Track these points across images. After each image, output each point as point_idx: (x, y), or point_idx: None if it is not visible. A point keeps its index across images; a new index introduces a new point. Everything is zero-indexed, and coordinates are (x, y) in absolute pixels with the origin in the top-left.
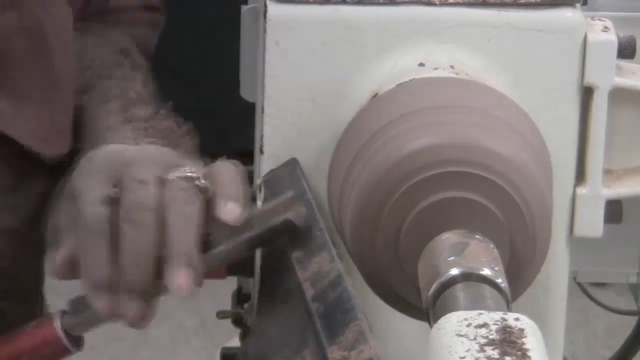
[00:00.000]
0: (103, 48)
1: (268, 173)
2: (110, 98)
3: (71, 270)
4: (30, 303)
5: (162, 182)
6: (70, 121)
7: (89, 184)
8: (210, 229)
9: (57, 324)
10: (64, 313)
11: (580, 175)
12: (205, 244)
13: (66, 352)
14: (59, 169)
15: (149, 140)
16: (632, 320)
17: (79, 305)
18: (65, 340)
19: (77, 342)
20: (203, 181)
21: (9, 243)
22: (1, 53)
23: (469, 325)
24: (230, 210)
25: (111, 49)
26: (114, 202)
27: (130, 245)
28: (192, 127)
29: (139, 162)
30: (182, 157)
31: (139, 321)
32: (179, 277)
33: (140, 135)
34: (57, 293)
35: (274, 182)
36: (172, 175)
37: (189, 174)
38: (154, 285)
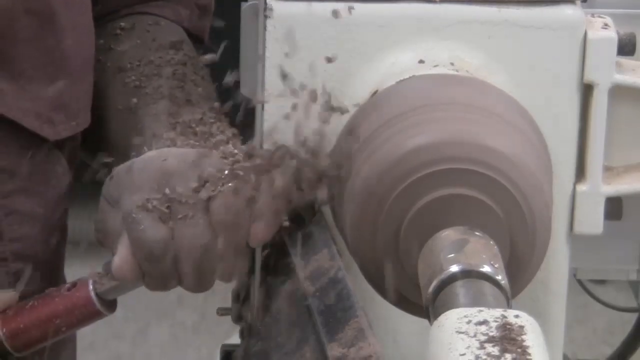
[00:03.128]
0: (151, 44)
1: None
2: (159, 98)
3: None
4: (50, 286)
5: (207, 205)
6: (83, 101)
7: (136, 200)
8: None
9: (91, 289)
10: (97, 277)
11: (580, 172)
12: None
13: (99, 315)
14: (76, 152)
15: (190, 143)
16: (632, 317)
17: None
18: (98, 305)
19: (110, 306)
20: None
21: (31, 227)
22: (4, 34)
23: (469, 322)
24: (254, 235)
25: (160, 44)
26: (167, 220)
27: (188, 278)
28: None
29: (181, 174)
30: (222, 157)
31: None
32: None
33: (183, 140)
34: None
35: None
36: (217, 183)
37: (231, 183)
38: None
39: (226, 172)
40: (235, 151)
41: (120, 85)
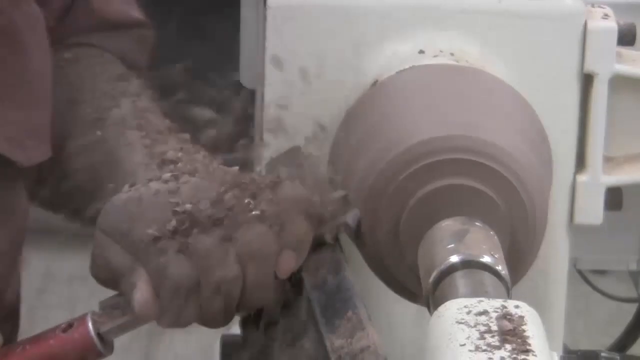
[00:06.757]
0: (100, 77)
1: (270, 161)
2: (126, 129)
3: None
4: (10, 323)
5: (231, 235)
6: (47, 127)
7: (152, 232)
8: None
9: (91, 328)
10: (96, 316)
11: (581, 163)
12: None
13: (99, 357)
14: (31, 187)
15: (187, 171)
16: (632, 308)
17: (113, 310)
18: (99, 346)
19: (110, 346)
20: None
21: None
22: None
23: (469, 312)
24: (283, 265)
25: (109, 76)
26: (186, 252)
27: (210, 313)
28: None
29: (201, 204)
30: (239, 184)
31: None
32: None
33: (174, 171)
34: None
35: (275, 170)
36: (240, 211)
37: (255, 211)
38: None
39: (247, 199)
40: (253, 177)
41: (77, 117)
